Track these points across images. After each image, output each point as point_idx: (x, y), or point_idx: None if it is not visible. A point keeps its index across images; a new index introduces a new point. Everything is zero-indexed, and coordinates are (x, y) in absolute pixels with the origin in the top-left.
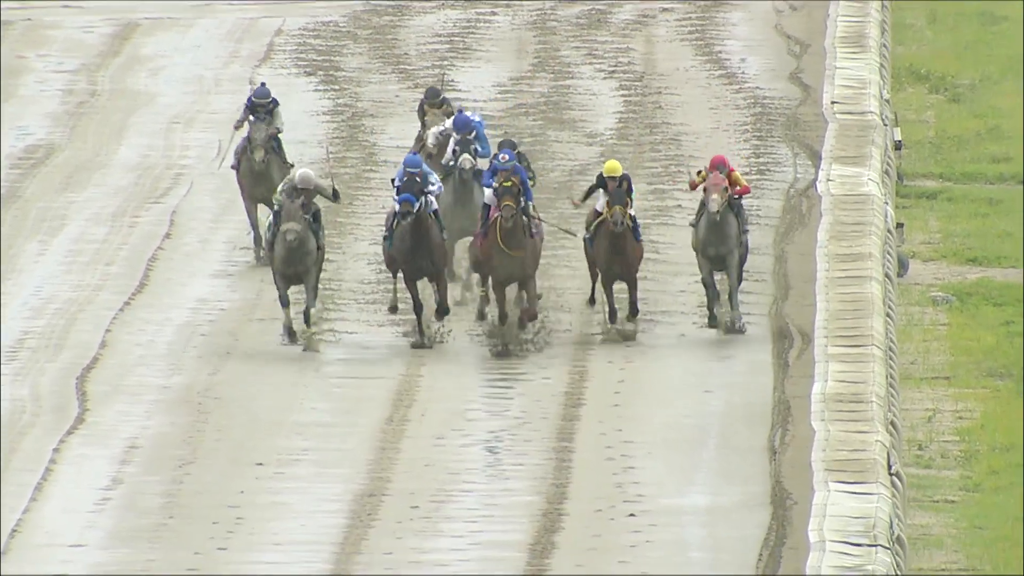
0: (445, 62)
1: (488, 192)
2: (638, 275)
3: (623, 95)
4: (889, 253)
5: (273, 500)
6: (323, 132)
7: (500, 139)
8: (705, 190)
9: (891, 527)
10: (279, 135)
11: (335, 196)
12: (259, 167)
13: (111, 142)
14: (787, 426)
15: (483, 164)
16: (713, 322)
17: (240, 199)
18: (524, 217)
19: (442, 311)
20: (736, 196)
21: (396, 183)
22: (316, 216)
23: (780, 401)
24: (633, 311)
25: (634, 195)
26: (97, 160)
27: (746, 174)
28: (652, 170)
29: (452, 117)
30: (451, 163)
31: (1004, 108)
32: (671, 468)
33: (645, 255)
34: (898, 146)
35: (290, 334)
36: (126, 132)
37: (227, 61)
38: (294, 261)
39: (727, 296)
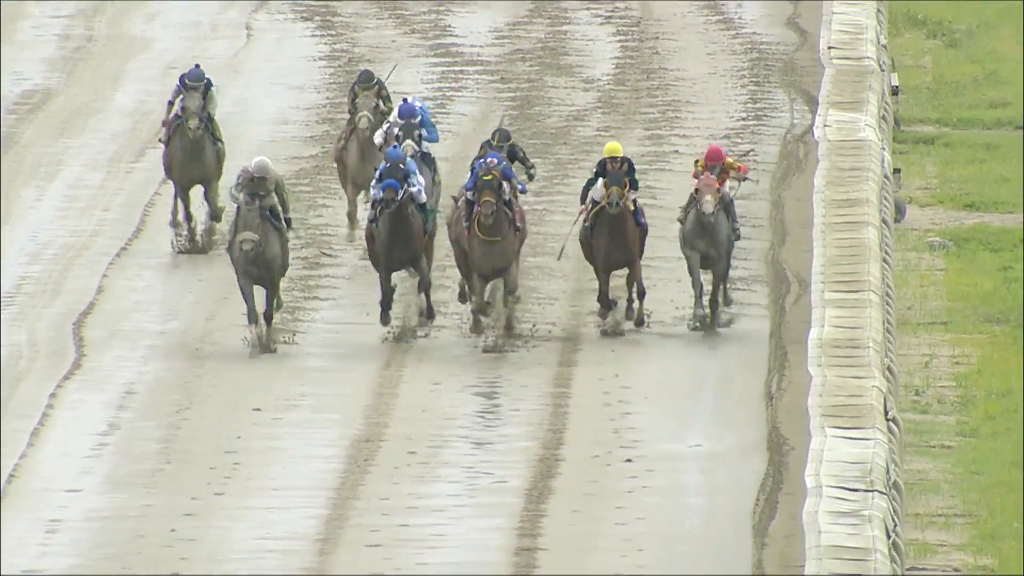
0: (442, 7)
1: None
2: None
3: (620, 40)
4: (886, 199)
5: (270, 445)
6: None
7: (495, 130)
8: (697, 191)
9: (888, 472)
10: (213, 116)
11: (285, 209)
12: (194, 134)
13: (107, 88)
14: (784, 372)
15: (428, 147)
16: (698, 322)
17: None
18: (507, 210)
19: (430, 312)
20: (733, 183)
21: (378, 172)
22: (275, 213)
23: (777, 347)
24: (640, 294)
25: (637, 176)
26: (94, 105)
27: (743, 119)
28: (649, 116)
29: (396, 106)
30: (395, 137)
31: (1002, 53)
32: (668, 414)
33: (642, 202)
34: (895, 91)
35: (259, 346)
36: (123, 78)
37: (224, 7)
38: (254, 269)
39: (709, 299)
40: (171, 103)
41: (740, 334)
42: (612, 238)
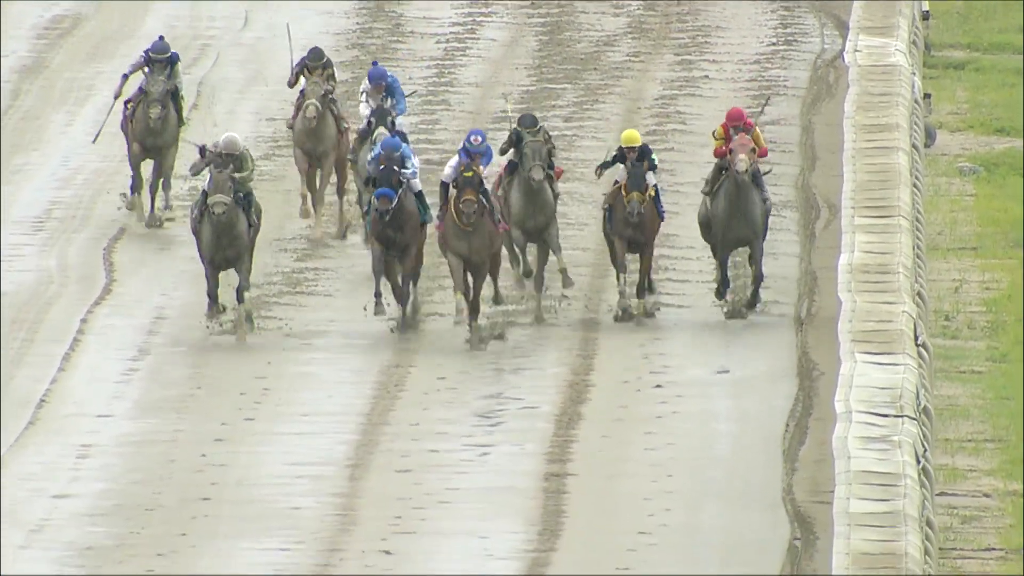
0: None
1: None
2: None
3: None
4: (916, 124)
5: (300, 371)
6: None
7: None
8: (731, 151)
9: (917, 397)
10: (178, 91)
11: (249, 175)
12: (154, 124)
13: (137, 13)
14: (813, 297)
15: (400, 120)
16: (725, 307)
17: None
18: (487, 203)
19: (405, 294)
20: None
21: (372, 167)
22: (248, 196)
23: (806, 272)
24: (649, 288)
25: (656, 161)
26: (124, 31)
27: (773, 44)
28: (679, 41)
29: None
30: (366, 131)
31: None
32: (697, 340)
33: (672, 127)
34: (925, 16)
35: (221, 323)
36: (152, 3)
37: None
38: (222, 245)
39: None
40: (126, 76)
41: (770, 258)
42: (632, 229)
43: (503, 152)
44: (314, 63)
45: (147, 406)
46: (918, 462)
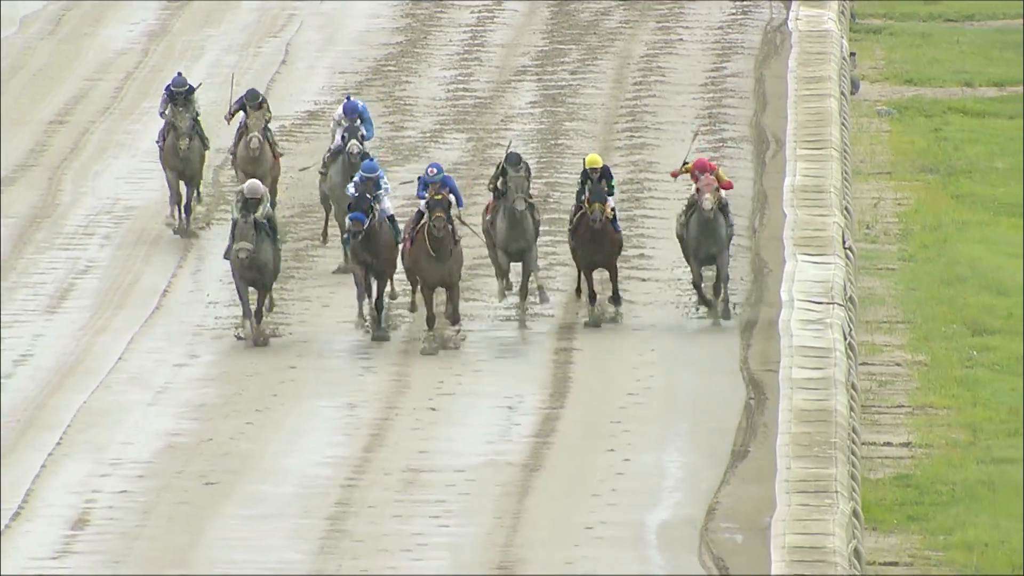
0: None
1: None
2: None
3: None
4: (844, 76)
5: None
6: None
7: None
8: (698, 191)
9: (845, 289)
10: (198, 118)
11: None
12: (184, 154)
13: None
14: (765, 211)
15: (368, 146)
16: (706, 311)
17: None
18: (451, 226)
19: (388, 296)
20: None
21: (352, 189)
22: (270, 220)
23: (759, 192)
24: (616, 300)
25: (614, 184)
26: (228, 3)
27: (732, 14)
28: (660, 11)
29: (342, 104)
30: (340, 147)
31: None
32: (667, 243)
33: (654, 79)
34: None
35: (253, 341)
36: None
37: None
38: (249, 272)
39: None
40: (162, 113)
41: (729, 178)
42: (593, 242)
43: (491, 183)
44: (252, 101)
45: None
46: (845, 339)
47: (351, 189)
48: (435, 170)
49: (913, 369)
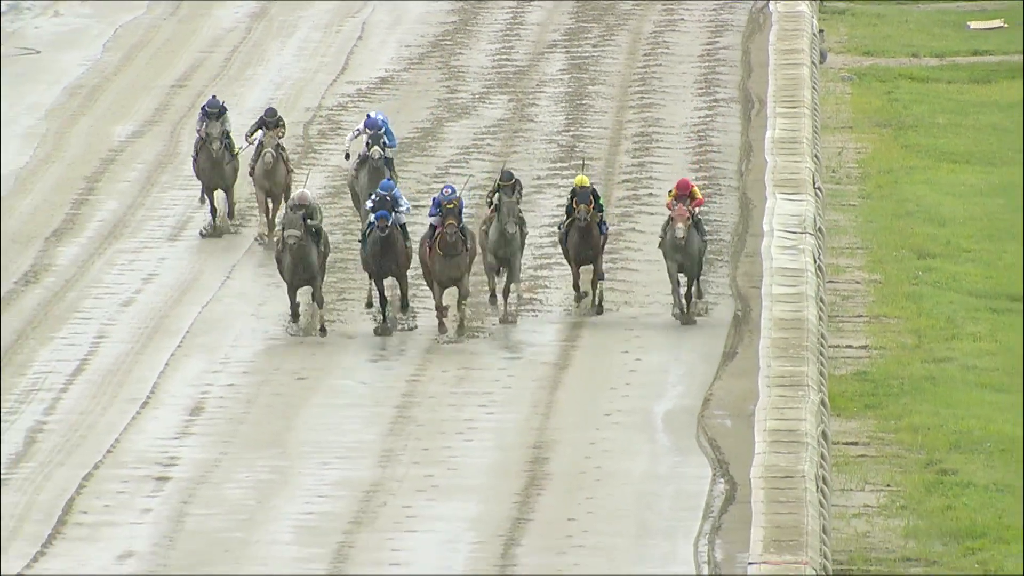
0: None
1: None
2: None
3: None
4: (814, 48)
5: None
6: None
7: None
8: (672, 219)
9: (815, 221)
10: (229, 133)
11: (319, 222)
12: (217, 155)
13: None
14: (749, 159)
15: (390, 153)
16: (678, 315)
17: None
18: (462, 233)
19: (405, 304)
20: (696, 208)
21: (370, 204)
22: (318, 230)
23: (745, 142)
24: (600, 276)
25: (601, 202)
26: None
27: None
28: None
29: (365, 119)
30: (366, 153)
31: None
32: (665, 185)
33: (660, 51)
34: None
35: (297, 332)
36: None
37: None
38: (299, 269)
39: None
40: (199, 130)
41: (721, 130)
42: (581, 240)
43: (487, 198)
44: (269, 119)
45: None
46: (815, 262)
47: (369, 204)
48: (450, 191)
49: (870, 286)
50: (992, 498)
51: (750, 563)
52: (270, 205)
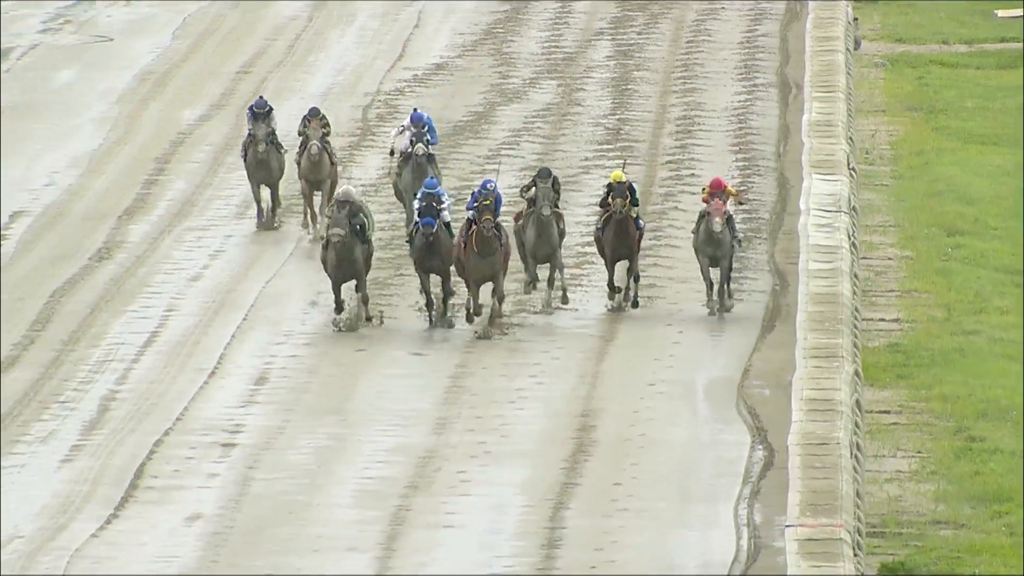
0: None
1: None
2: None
3: None
4: (849, 35)
5: None
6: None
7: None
8: (708, 214)
9: (850, 200)
10: (275, 132)
11: (368, 219)
12: (262, 155)
13: None
14: (787, 140)
15: (434, 150)
16: (711, 306)
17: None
18: (497, 229)
19: (447, 295)
20: (737, 202)
21: (417, 205)
22: (363, 228)
23: (783, 125)
24: (635, 278)
25: (637, 196)
26: None
27: None
28: None
29: (410, 115)
30: (409, 150)
31: None
32: (706, 167)
33: (702, 39)
34: None
35: (344, 325)
36: None
37: None
38: (343, 266)
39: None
40: (249, 127)
41: (760, 113)
42: (617, 236)
43: (523, 192)
44: (313, 116)
45: None
46: (849, 239)
47: (416, 203)
48: (492, 185)
49: (901, 262)
50: (1018, 464)
51: (787, 526)
52: (315, 198)
